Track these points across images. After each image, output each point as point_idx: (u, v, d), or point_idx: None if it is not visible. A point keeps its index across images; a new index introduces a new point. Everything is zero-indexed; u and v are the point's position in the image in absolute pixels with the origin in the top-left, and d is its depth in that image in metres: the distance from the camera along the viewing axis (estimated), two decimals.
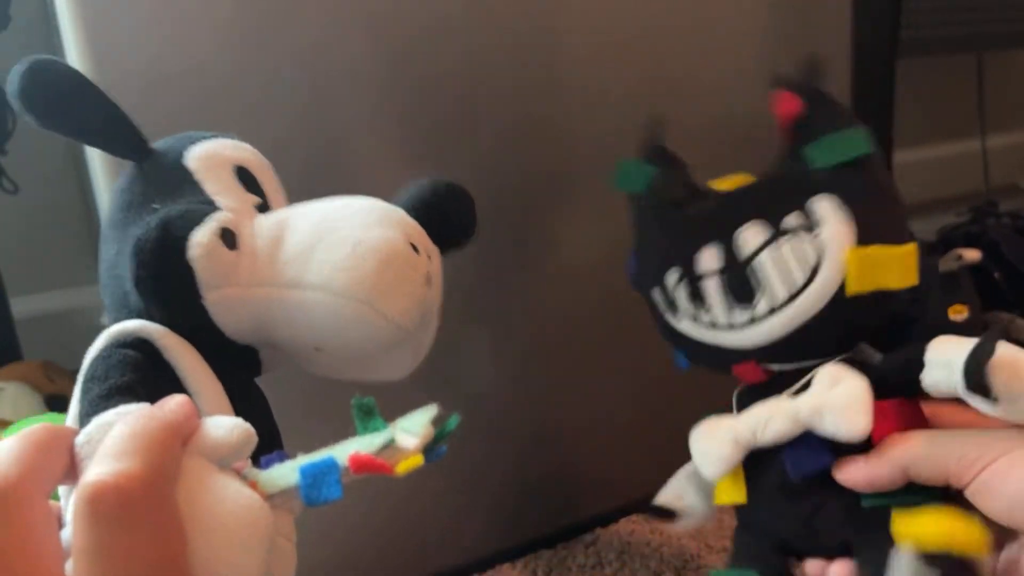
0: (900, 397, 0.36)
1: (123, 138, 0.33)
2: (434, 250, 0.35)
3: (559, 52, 0.56)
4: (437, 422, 0.29)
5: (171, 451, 0.23)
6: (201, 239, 0.29)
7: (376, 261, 0.30)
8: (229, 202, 0.32)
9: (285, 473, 0.27)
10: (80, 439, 0.25)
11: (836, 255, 0.36)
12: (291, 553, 0.31)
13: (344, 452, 0.27)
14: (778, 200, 0.38)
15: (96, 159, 0.46)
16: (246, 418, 0.30)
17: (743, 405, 0.40)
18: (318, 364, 0.33)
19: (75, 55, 0.44)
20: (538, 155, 0.57)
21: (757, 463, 0.38)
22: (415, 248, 0.32)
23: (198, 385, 0.29)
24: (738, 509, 0.40)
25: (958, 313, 0.51)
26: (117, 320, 0.30)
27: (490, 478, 0.61)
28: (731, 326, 0.38)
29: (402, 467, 0.28)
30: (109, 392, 0.26)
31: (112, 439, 0.22)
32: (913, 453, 0.34)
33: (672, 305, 0.40)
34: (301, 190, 0.36)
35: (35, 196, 0.87)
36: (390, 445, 0.28)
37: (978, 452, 0.32)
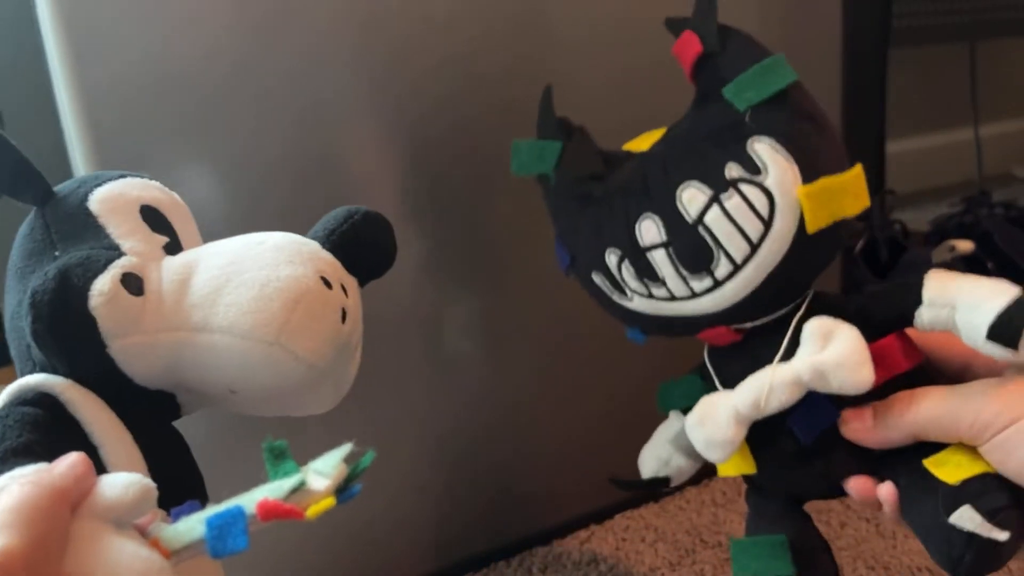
0: (887, 332, 0.35)
1: (22, 181, 0.32)
2: (351, 282, 0.34)
3: (550, 43, 0.55)
4: (351, 459, 0.29)
5: (56, 520, 0.23)
6: (103, 288, 0.29)
7: (284, 301, 0.30)
8: (135, 245, 0.32)
9: (191, 526, 0.26)
10: None
11: (788, 198, 0.34)
12: None
13: (252, 499, 0.27)
14: (709, 152, 0.35)
15: (80, 162, 0.45)
16: (160, 467, 0.30)
17: (719, 366, 0.38)
18: (235, 405, 0.33)
19: (61, 74, 0.43)
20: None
21: (760, 431, 0.36)
22: (328, 283, 0.32)
23: (104, 438, 0.29)
24: (747, 476, 0.39)
25: None
26: (23, 373, 0.30)
27: (484, 475, 0.61)
28: (692, 295, 0.36)
29: (312, 511, 0.27)
30: (4, 455, 0.25)
31: None
32: (924, 418, 0.33)
33: (619, 287, 0.37)
34: (296, 199, 0.34)
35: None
36: (301, 488, 0.28)
37: (993, 413, 0.31)
